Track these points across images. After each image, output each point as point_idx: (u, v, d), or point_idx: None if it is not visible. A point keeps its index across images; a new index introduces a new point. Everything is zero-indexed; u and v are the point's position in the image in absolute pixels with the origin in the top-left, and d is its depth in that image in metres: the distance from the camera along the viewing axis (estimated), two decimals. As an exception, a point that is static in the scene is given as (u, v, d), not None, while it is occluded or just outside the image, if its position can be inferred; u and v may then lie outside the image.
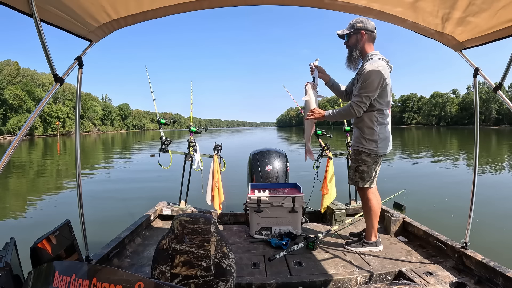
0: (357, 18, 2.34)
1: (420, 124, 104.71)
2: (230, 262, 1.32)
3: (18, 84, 62.83)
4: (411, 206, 5.17)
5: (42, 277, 0.85)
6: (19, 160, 16.43)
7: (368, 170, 2.40)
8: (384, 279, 2.11)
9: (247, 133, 66.88)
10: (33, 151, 23.89)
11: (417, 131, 59.74)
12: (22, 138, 1.40)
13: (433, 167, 11.21)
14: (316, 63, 2.56)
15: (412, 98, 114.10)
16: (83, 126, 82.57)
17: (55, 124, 68.05)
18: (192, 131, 3.58)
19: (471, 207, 2.19)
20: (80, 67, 1.86)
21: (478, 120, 2.25)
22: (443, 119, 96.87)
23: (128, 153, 21.36)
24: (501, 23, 1.69)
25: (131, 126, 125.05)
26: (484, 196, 6.11)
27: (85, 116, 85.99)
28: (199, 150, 3.54)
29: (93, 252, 2.14)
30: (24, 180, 10.20)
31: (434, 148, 19.79)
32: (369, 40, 2.35)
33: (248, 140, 33.76)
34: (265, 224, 2.80)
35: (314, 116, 2.42)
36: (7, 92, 57.45)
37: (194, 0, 1.82)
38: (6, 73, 62.55)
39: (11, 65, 65.44)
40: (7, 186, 9.11)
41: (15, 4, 1.33)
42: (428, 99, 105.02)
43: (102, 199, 6.80)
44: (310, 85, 2.50)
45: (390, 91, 2.35)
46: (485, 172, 9.46)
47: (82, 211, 2.05)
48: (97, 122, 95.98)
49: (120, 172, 11.90)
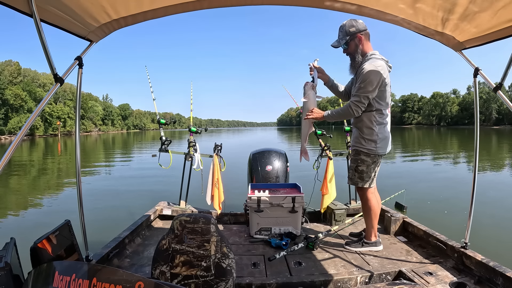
0: (346, 23, 2.31)
1: (421, 124, 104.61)
2: (230, 262, 1.32)
3: (19, 84, 62.96)
4: (412, 206, 5.17)
5: (42, 277, 0.85)
6: (20, 159, 16.46)
7: (368, 170, 2.40)
8: (384, 279, 2.10)
9: (248, 133, 66.90)
10: (34, 151, 23.93)
11: (417, 131, 59.69)
12: (23, 138, 1.40)
13: (433, 167, 11.23)
14: (315, 64, 2.55)
15: (412, 98, 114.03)
16: (84, 126, 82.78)
17: (56, 124, 68.18)
18: (192, 131, 3.58)
19: (471, 207, 2.20)
20: (80, 67, 1.86)
21: (478, 120, 2.25)
22: (443, 119, 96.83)
23: (129, 153, 21.38)
24: (501, 23, 1.69)
25: (131, 126, 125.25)
26: (484, 196, 6.11)
27: (86, 116, 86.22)
28: (199, 150, 3.54)
29: (93, 252, 2.14)
30: (25, 180, 10.21)
31: (435, 148, 19.77)
32: (366, 39, 2.34)
33: (249, 140, 33.78)
34: (265, 224, 2.80)
35: (313, 116, 2.42)
36: (8, 92, 57.60)
37: (194, 0, 1.82)
38: (7, 73, 62.68)
39: (12, 65, 65.52)
40: (7, 185, 9.12)
41: (15, 4, 1.33)
42: (429, 99, 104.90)
43: (102, 199, 6.80)
44: (309, 85, 2.50)
45: (389, 91, 2.34)
46: (486, 172, 9.46)
47: (82, 211, 2.05)
48: (98, 122, 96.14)
49: (121, 172, 11.91)
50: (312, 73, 2.54)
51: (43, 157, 18.87)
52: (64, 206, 6.27)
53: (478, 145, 2.22)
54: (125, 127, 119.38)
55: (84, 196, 2.08)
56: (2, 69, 60.53)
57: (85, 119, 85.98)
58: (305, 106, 2.50)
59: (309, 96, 2.47)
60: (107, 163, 14.97)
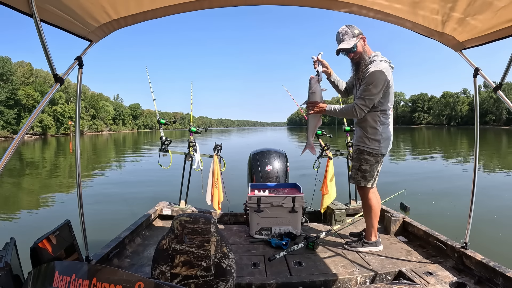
0: (346, 28, 2.32)
1: (431, 124, 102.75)
2: (230, 262, 1.32)
3: (31, 84, 63.59)
4: (416, 206, 5.18)
5: (42, 277, 0.85)
6: (32, 158, 16.65)
7: (371, 169, 2.40)
8: (384, 279, 2.10)
9: (258, 133, 66.61)
10: (46, 150, 24.27)
11: (427, 131, 59.07)
12: (23, 138, 1.40)
13: (441, 167, 11.19)
14: (319, 57, 2.51)
15: (422, 98, 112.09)
16: (95, 125, 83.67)
17: (68, 123, 68.58)
18: (192, 131, 3.58)
19: (471, 207, 2.20)
20: (80, 67, 1.86)
21: (478, 120, 2.25)
22: (453, 119, 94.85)
23: (139, 151, 21.44)
24: (501, 23, 1.69)
25: (142, 125, 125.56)
26: (486, 196, 6.10)
27: (97, 116, 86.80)
28: (200, 150, 3.54)
29: (93, 252, 2.14)
30: (36, 179, 10.36)
31: (444, 148, 19.64)
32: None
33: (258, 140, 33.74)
34: (265, 224, 2.80)
35: (316, 110, 2.41)
36: (20, 92, 58.35)
37: (194, 0, 1.82)
38: (20, 74, 63.33)
39: (24, 66, 66.17)
40: (20, 184, 9.27)
41: (15, 4, 1.33)
42: (439, 98, 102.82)
43: (102, 199, 6.79)
44: (314, 79, 2.44)
45: (392, 92, 2.36)
46: (496, 172, 9.37)
47: (82, 211, 2.05)
48: (109, 122, 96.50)
49: (121, 172, 11.92)
50: (316, 66, 2.51)
51: (55, 156, 18.91)
52: (68, 206, 6.25)
53: (478, 146, 2.23)
54: (136, 127, 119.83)
55: (85, 197, 2.08)
56: (15, 70, 61.15)
57: (96, 118, 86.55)
58: (312, 100, 2.45)
59: (315, 89, 2.43)
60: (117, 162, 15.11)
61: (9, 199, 7.55)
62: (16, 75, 60.76)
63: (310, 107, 2.43)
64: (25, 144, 33.46)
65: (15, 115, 55.78)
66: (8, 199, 7.53)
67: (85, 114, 79.24)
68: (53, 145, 31.87)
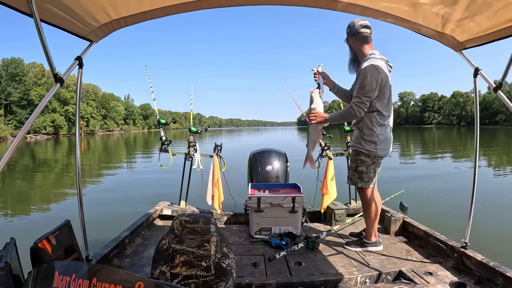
0: (355, 21, 2.35)
1: (441, 124, 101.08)
2: (230, 262, 1.32)
3: (43, 85, 64.31)
4: (416, 206, 5.17)
5: (42, 277, 0.85)
6: (45, 157, 16.76)
7: (367, 170, 2.39)
8: (384, 279, 2.10)
9: (267, 133, 66.25)
10: (58, 150, 24.51)
11: (437, 131, 58.46)
12: (23, 138, 1.40)
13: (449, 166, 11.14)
14: (319, 69, 2.52)
15: (432, 98, 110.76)
16: (106, 125, 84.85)
17: (80, 123, 69.60)
18: (192, 131, 3.58)
19: (471, 207, 2.19)
20: (80, 67, 1.87)
21: (478, 120, 2.25)
22: (463, 118, 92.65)
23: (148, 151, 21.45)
24: (501, 23, 1.69)
25: (152, 125, 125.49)
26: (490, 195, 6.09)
27: (108, 115, 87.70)
28: (200, 150, 3.54)
29: (93, 252, 2.14)
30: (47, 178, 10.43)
31: (454, 149, 19.47)
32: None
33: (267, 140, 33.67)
34: (265, 224, 2.80)
35: (317, 120, 2.40)
36: (33, 93, 59.15)
37: (194, 0, 1.82)
38: (32, 74, 64.08)
39: (36, 67, 66.81)
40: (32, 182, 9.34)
41: (15, 4, 1.33)
42: (449, 98, 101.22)
43: (103, 199, 6.80)
44: (316, 92, 2.46)
45: (390, 92, 2.33)
46: (507, 175, 9.26)
47: (82, 211, 2.05)
48: (120, 122, 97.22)
49: (123, 172, 11.91)
50: (317, 79, 2.52)
51: (67, 155, 18.84)
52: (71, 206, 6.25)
53: (478, 146, 2.23)
54: (146, 127, 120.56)
55: (85, 197, 2.08)
56: (27, 70, 61.97)
57: (108, 118, 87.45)
58: None
59: (317, 103, 2.43)
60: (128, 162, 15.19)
61: (7, 198, 7.56)
62: (28, 75, 61.73)
63: (311, 118, 2.42)
64: (38, 144, 33.79)
65: (27, 115, 56.43)
66: (7, 198, 7.54)
67: (96, 114, 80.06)
68: (65, 144, 32.28)
